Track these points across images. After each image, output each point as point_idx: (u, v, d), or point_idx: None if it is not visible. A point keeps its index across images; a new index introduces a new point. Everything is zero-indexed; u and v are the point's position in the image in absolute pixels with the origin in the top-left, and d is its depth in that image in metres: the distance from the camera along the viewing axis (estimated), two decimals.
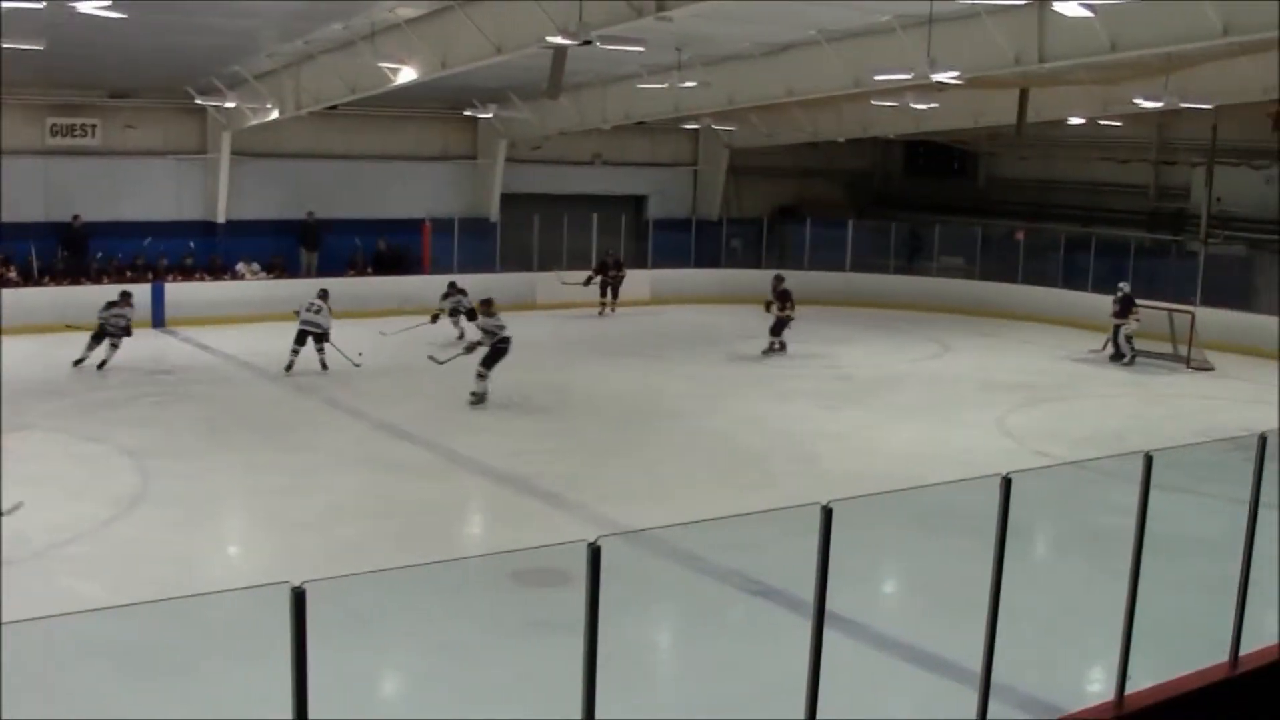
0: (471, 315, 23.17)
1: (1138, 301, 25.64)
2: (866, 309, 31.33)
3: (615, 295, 30.45)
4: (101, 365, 21.05)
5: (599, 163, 34.38)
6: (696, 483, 15.33)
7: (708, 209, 36.46)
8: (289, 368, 21.30)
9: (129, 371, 20.95)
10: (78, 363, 21.07)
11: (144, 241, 27.64)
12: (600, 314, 29.93)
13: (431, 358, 20.93)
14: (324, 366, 21.47)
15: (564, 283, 29.65)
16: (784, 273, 26.63)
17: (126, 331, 21.41)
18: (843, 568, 6.15)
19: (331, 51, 22.42)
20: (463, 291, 25.11)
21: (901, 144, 38.57)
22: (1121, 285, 26.05)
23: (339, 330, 21.63)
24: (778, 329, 24.91)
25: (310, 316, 21.53)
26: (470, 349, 20.17)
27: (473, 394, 19.30)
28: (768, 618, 10.78)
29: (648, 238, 34.02)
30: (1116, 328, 25.58)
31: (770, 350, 24.71)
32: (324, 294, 22.05)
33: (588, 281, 30.18)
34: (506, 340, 19.60)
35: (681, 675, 10.14)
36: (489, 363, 19.44)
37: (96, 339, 21.19)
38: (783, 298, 24.86)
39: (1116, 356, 25.45)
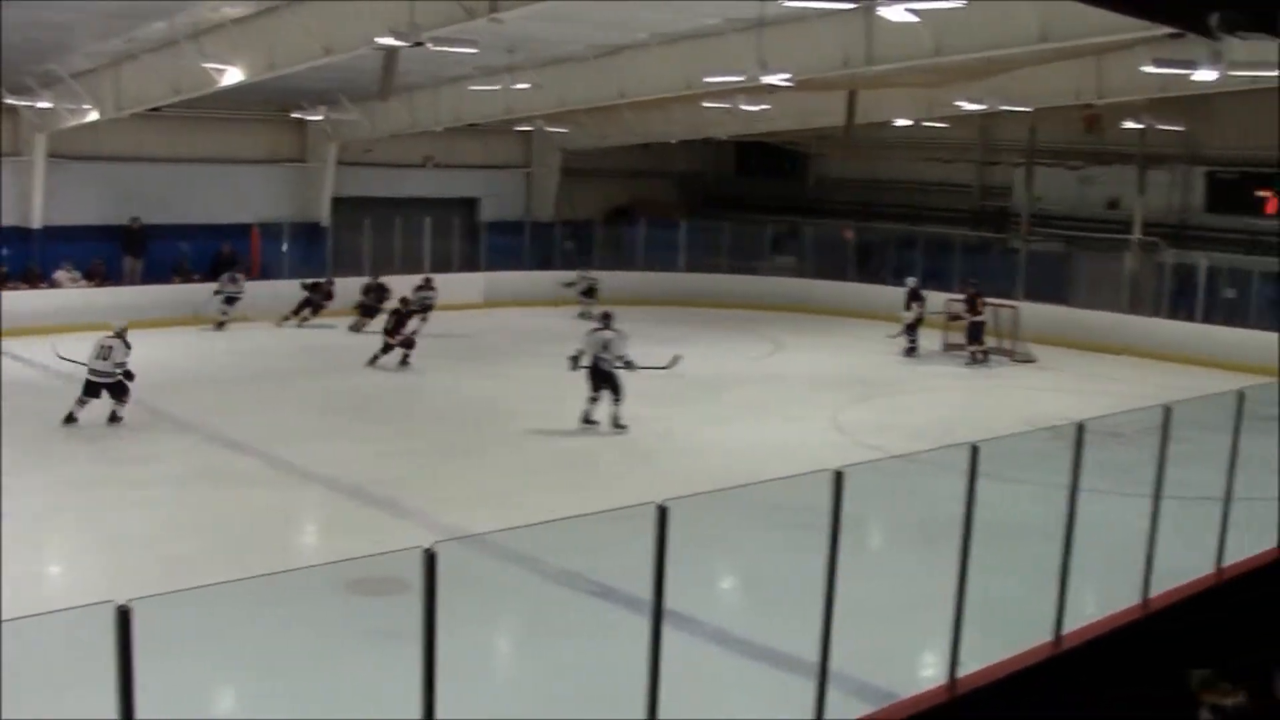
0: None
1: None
2: (700, 308, 31.55)
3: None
4: None
5: (431, 165, 34.16)
6: (533, 485, 15.28)
7: (541, 211, 36.43)
8: None
9: None
10: None
11: None
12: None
13: None
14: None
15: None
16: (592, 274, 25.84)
17: None
18: (680, 566, 6.19)
19: (154, 51, 21.88)
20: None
21: (733, 145, 38.93)
22: (909, 279, 27.02)
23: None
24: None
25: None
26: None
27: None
28: (607, 618, 10.80)
29: (481, 240, 33.88)
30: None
31: None
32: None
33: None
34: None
35: (522, 679, 10.13)
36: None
37: None
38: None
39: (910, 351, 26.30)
